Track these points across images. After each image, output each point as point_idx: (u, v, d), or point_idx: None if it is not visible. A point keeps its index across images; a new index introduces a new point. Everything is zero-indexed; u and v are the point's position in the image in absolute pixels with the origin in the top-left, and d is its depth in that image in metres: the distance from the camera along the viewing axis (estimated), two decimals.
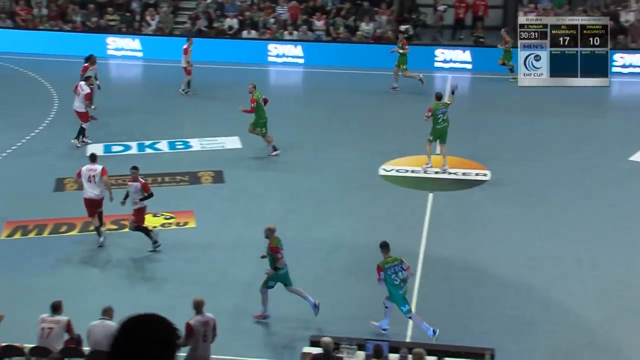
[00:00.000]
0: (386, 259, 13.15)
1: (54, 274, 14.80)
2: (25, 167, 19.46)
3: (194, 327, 11.16)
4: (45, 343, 11.05)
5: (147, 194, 15.52)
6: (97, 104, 20.99)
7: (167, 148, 20.80)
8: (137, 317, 3.85)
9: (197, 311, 11.36)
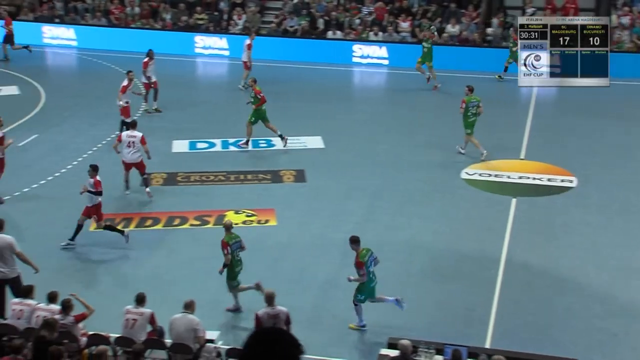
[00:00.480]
0: (362, 253, 13.11)
1: (138, 267, 15.15)
2: (113, 161, 19.93)
3: (261, 317, 11.39)
4: (129, 334, 11.33)
5: (95, 190, 15.55)
6: (174, 98, 21.35)
7: (250, 146, 21.05)
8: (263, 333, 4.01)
9: (268, 303, 11.54)
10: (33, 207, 17.44)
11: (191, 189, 18.53)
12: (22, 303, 11.75)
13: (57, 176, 19.03)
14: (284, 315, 11.51)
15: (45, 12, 30.86)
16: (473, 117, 19.77)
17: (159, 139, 21.28)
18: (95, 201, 15.64)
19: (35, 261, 14.44)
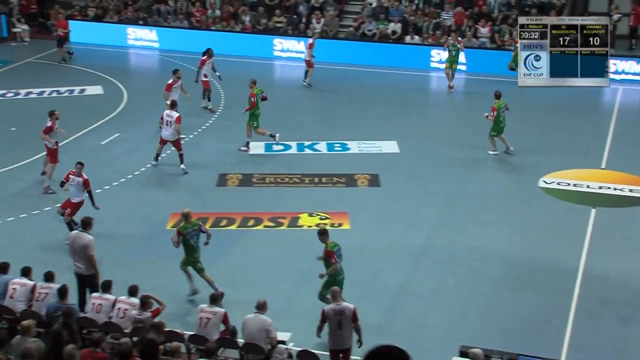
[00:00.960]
0: (331, 244, 13.17)
1: (212, 266, 15.29)
2: (191, 161, 20.31)
3: (327, 313, 11.48)
4: (203, 332, 11.50)
5: (88, 190, 15.90)
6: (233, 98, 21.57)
7: (325, 149, 21.12)
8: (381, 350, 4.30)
9: (333, 299, 11.63)
10: (112, 205, 17.82)
11: (266, 191, 18.69)
12: (101, 297, 12.05)
13: (136, 174, 19.44)
14: (349, 311, 11.52)
15: (130, 15, 31.61)
16: (504, 122, 20.35)
17: (235, 139, 21.58)
18: (80, 198, 15.91)
19: (110, 257, 14.86)
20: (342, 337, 11.55)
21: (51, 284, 12.18)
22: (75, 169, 15.99)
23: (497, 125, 20.28)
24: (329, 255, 13.15)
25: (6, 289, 12.27)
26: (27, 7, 32.26)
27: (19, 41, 30.63)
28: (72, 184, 15.96)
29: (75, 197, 15.96)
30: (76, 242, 13.26)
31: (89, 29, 31.09)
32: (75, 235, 13.40)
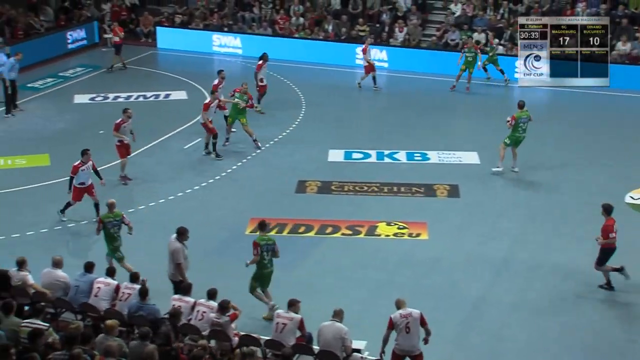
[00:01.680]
0: (262, 237, 13.69)
1: (291, 272, 15.44)
2: (271, 167, 20.54)
3: (394, 319, 11.42)
4: (279, 337, 11.58)
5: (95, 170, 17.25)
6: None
7: (405, 158, 21.03)
8: None
9: (398, 308, 11.55)
10: (194, 207, 18.19)
11: (344, 199, 18.73)
12: (181, 299, 12.27)
13: (217, 179, 19.74)
14: (416, 314, 11.45)
15: (215, 22, 32.17)
16: (523, 133, 19.39)
17: (314, 146, 21.72)
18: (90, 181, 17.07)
19: (192, 259, 15.07)
20: (410, 341, 11.46)
21: (135, 285, 12.47)
22: (84, 159, 16.98)
23: (514, 134, 19.27)
24: (254, 246, 13.63)
25: (91, 287, 12.62)
26: (118, 14, 33.18)
27: (109, 46, 31.52)
28: (84, 171, 16.94)
29: (88, 181, 17.08)
30: (169, 247, 13.69)
31: (176, 35, 31.79)
32: (170, 241, 13.77)
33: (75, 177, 16.92)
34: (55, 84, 27.03)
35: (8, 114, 23.51)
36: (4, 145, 21.33)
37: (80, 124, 23.26)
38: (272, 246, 13.77)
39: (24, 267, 12.84)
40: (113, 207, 14.87)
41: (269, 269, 13.83)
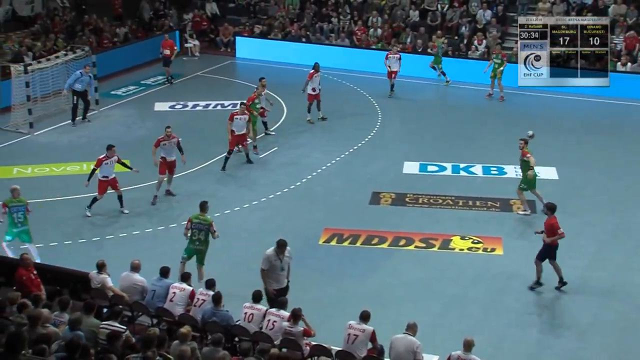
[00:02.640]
0: (197, 215, 14.85)
1: (362, 283, 15.44)
2: (346, 178, 20.58)
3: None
4: (350, 348, 11.57)
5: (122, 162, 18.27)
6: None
7: (481, 172, 20.81)
8: None
9: (465, 349, 11.08)
10: (266, 217, 18.36)
11: (419, 211, 18.63)
12: (253, 307, 12.38)
13: (292, 189, 19.89)
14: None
15: (294, 32, 32.46)
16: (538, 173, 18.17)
17: (389, 158, 21.69)
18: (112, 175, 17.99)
19: None
20: None
21: (209, 291, 12.64)
22: (108, 153, 17.85)
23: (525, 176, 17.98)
24: (187, 221, 14.92)
25: (167, 292, 12.86)
26: (199, 24, 33.85)
27: (190, 56, 32.16)
28: (107, 165, 17.77)
29: (111, 175, 17.87)
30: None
31: (255, 45, 32.22)
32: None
33: (99, 169, 17.71)
34: (137, 92, 27.70)
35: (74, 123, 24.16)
36: (87, 150, 21.94)
37: (160, 131, 23.65)
38: (205, 226, 14.79)
39: (103, 270, 13.18)
40: (16, 192, 15.57)
41: (197, 246, 14.83)
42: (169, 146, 18.88)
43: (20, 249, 15.31)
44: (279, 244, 13.66)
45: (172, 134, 18.91)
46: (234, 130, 20.56)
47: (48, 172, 20.63)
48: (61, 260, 15.22)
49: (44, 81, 24.82)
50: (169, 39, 29.05)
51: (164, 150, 18.83)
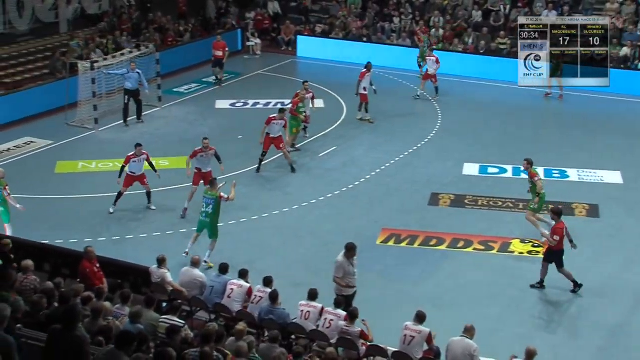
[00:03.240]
0: (207, 191, 15.87)
1: (420, 284, 15.36)
2: (405, 178, 20.49)
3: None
4: (406, 349, 11.51)
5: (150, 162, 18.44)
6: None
7: (542, 175, 20.45)
8: None
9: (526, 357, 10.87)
10: (324, 216, 18.38)
11: (478, 213, 18.44)
12: (309, 305, 12.41)
13: (351, 188, 19.88)
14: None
15: (355, 31, 32.44)
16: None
17: (449, 159, 21.52)
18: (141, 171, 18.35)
19: (322, 267, 15.24)
20: None
21: (267, 289, 12.72)
22: (137, 151, 18.25)
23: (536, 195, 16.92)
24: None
25: (225, 288, 12.98)
26: (261, 23, 34.10)
27: (251, 54, 32.42)
28: (136, 162, 18.19)
29: (139, 171, 18.26)
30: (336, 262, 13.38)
31: (316, 45, 32.29)
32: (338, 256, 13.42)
33: (128, 166, 18.12)
34: (198, 90, 28.03)
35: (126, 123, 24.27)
36: (150, 146, 22.13)
37: (221, 129, 23.99)
38: (212, 200, 15.70)
39: (163, 265, 13.37)
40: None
41: (204, 218, 15.79)
42: (206, 158, 18.40)
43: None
44: (348, 247, 13.41)
45: (209, 146, 18.40)
46: (269, 133, 20.32)
47: (111, 167, 21.00)
48: (123, 254, 15.51)
49: (109, 78, 25.30)
50: (222, 40, 28.85)
51: (200, 161, 18.33)
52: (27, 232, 16.04)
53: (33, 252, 13.97)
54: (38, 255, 13.93)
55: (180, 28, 32.04)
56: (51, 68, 26.65)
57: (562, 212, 15.05)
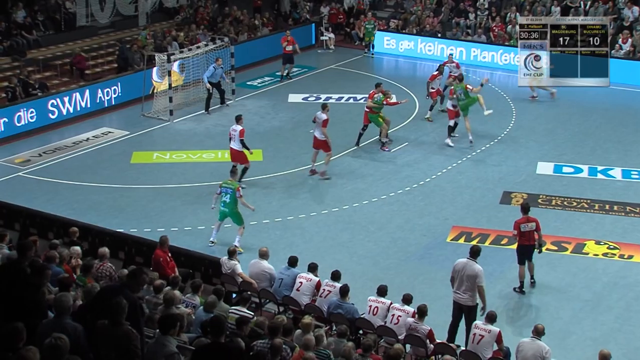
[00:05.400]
0: (226, 180, 16.23)
1: (491, 283, 15.02)
2: (477, 176, 20.25)
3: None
4: (475, 349, 11.40)
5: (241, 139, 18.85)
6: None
7: (620, 176, 20.00)
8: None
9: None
10: (394, 212, 18.29)
11: (551, 213, 18.09)
12: (378, 300, 12.38)
13: (421, 184, 19.75)
14: None
15: (428, 27, 32.17)
16: None
17: (523, 158, 21.18)
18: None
19: (392, 262, 15.18)
20: None
21: (335, 283, 12.74)
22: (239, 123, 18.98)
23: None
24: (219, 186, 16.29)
25: (294, 281, 13.05)
26: (335, 17, 34.15)
27: (325, 48, 32.47)
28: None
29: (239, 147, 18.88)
30: (465, 270, 12.69)
31: (389, 40, 32.13)
32: (464, 263, 12.80)
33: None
34: (271, 83, 28.22)
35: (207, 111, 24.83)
36: (222, 138, 22.55)
37: (293, 122, 24.13)
38: (229, 190, 15.98)
39: (234, 257, 13.53)
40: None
41: (222, 207, 16.09)
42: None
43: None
44: (473, 250, 13.09)
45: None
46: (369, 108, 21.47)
47: (185, 158, 21.36)
48: (194, 244, 15.76)
49: (185, 71, 25.72)
50: (290, 35, 28.68)
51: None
52: (103, 220, 16.43)
53: (109, 240, 14.34)
54: (113, 243, 14.28)
55: (255, 22, 32.31)
56: (121, 55, 27.09)
57: (528, 208, 14.96)
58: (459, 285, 12.72)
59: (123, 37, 29.35)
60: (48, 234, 14.93)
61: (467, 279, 12.64)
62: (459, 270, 12.77)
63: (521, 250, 14.86)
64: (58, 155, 21.48)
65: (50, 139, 22.53)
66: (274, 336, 9.51)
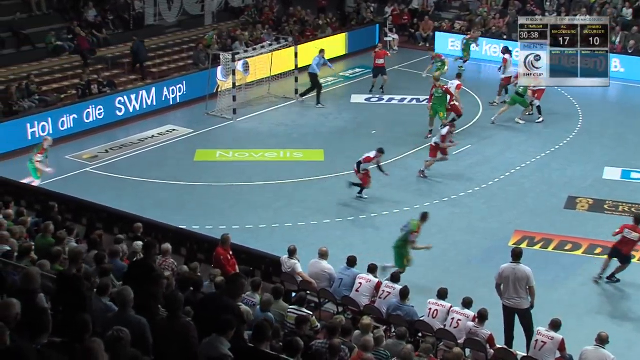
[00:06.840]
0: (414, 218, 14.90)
1: (553, 290, 14.85)
2: (541, 180, 19.94)
3: None
4: (537, 355, 11.21)
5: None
6: None
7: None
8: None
9: None
10: (456, 214, 18.14)
11: (618, 219, 17.63)
12: (438, 304, 12.28)
13: (484, 187, 19.53)
14: None
15: (494, 29, 31.79)
16: None
17: (589, 162, 20.79)
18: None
19: (453, 266, 15.01)
20: None
21: (395, 285, 12.69)
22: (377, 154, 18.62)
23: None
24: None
25: (354, 282, 13.04)
26: (399, 18, 34.01)
27: (389, 49, 32.35)
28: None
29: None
30: (516, 275, 12.50)
31: (454, 41, 31.84)
32: (512, 268, 12.59)
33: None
34: (335, 84, 28.24)
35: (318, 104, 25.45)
36: (284, 138, 22.72)
37: (355, 123, 24.11)
38: (406, 229, 14.94)
39: (294, 256, 13.57)
40: None
41: (394, 244, 14.95)
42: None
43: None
44: (515, 253, 12.90)
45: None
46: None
47: (247, 157, 21.54)
48: (254, 242, 15.87)
49: (249, 70, 25.96)
50: (382, 49, 27.94)
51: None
52: (166, 217, 16.67)
53: (172, 237, 14.53)
54: (176, 240, 14.48)
55: (319, 22, 32.39)
56: (195, 59, 27.56)
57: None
58: (511, 290, 12.57)
59: (190, 36, 29.77)
60: (113, 229, 15.21)
61: (518, 282, 12.51)
62: (508, 275, 12.60)
63: (615, 250, 14.96)
64: (124, 151, 21.89)
65: (117, 136, 22.98)
66: (332, 336, 9.51)
